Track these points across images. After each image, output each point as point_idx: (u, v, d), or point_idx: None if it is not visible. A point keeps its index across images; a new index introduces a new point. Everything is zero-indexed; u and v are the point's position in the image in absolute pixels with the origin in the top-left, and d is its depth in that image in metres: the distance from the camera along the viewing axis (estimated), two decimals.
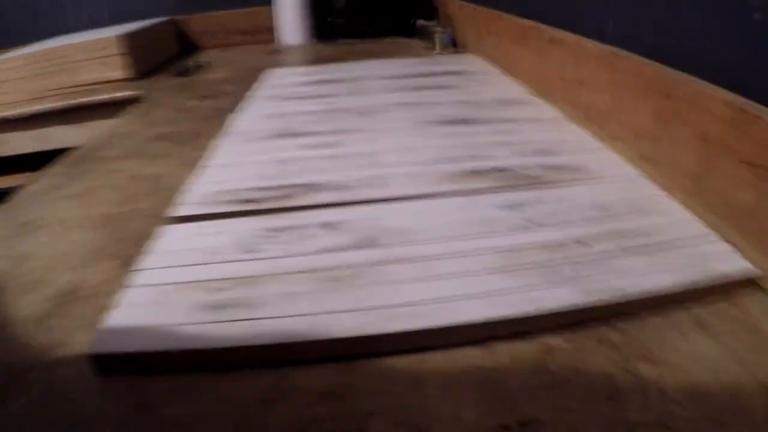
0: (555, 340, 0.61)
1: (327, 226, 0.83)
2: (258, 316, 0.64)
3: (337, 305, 0.65)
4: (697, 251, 0.71)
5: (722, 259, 0.69)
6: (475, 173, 0.97)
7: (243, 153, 1.15)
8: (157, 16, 2.66)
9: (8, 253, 0.85)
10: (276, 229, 0.83)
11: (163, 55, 2.54)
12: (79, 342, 0.64)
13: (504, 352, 0.60)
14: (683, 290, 0.65)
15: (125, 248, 0.84)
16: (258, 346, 0.60)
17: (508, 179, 0.94)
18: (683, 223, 0.78)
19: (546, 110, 1.30)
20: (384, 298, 0.66)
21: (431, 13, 2.41)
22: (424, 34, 2.33)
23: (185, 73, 2.18)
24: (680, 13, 0.88)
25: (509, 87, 1.53)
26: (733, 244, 0.72)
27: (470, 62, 1.89)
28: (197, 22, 2.81)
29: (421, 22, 2.42)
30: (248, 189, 0.96)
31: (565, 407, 0.53)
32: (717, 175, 0.74)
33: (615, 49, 1.03)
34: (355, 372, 0.59)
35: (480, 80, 1.63)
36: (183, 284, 0.70)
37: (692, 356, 0.58)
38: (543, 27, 1.36)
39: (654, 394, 0.54)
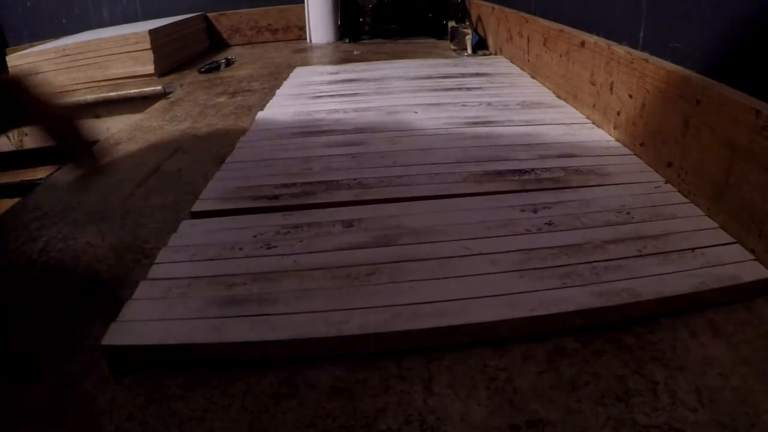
0: (567, 341, 0.61)
1: (346, 223, 0.83)
2: (272, 312, 0.64)
3: (352, 303, 0.65)
4: (716, 257, 0.70)
5: (741, 265, 0.68)
6: (497, 174, 0.96)
7: (266, 150, 1.15)
8: (189, 11, 2.68)
9: (30, 244, 0.87)
10: (295, 226, 0.83)
11: (193, 51, 2.56)
12: (95, 334, 0.65)
13: (515, 352, 0.60)
14: (698, 293, 0.64)
15: (145, 242, 0.85)
16: (271, 342, 0.60)
17: (529, 181, 0.93)
18: (704, 230, 0.77)
19: (573, 114, 1.29)
20: (400, 296, 0.66)
21: (462, 14, 2.40)
22: (454, 36, 2.32)
23: (214, 69, 2.20)
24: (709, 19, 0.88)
25: (537, 90, 1.53)
26: (754, 251, 0.71)
27: (499, 64, 1.89)
28: (229, 19, 2.83)
29: (451, 23, 2.41)
30: (269, 186, 0.97)
31: (575, 408, 0.52)
32: (741, 182, 0.73)
33: (646, 55, 1.02)
34: (366, 369, 0.59)
35: (508, 83, 1.62)
36: (199, 279, 0.71)
37: (704, 360, 0.57)
38: (574, 31, 1.35)
39: (664, 397, 0.53)
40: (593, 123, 1.21)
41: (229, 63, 2.30)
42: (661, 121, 0.94)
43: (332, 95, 1.57)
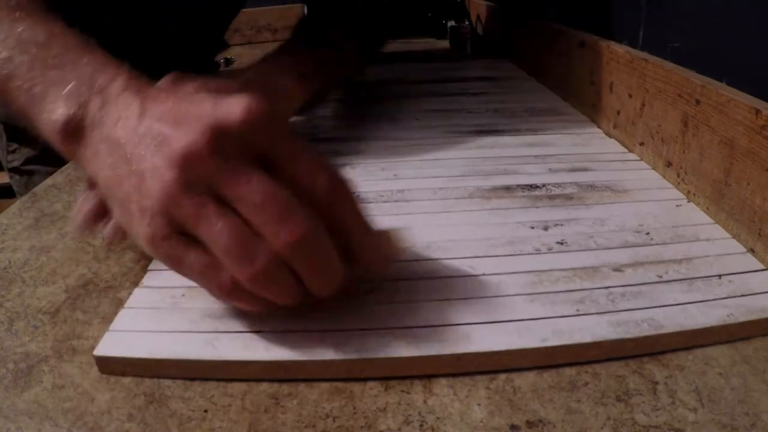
0: None
1: None
2: (267, 329, 0.62)
3: (350, 323, 0.62)
4: (745, 286, 0.65)
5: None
6: (506, 189, 0.93)
7: None
8: None
9: (28, 244, 0.87)
10: None
11: None
12: (92, 335, 0.65)
13: None
14: (726, 326, 0.60)
15: None
16: (264, 362, 0.58)
17: (540, 196, 0.90)
18: (732, 255, 0.72)
19: (577, 119, 1.27)
20: (399, 318, 0.62)
21: (462, 14, 2.39)
22: (455, 36, 2.31)
23: (213, 69, 2.19)
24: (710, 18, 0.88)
25: (540, 93, 1.51)
26: (753, 251, 0.71)
27: (501, 67, 1.87)
28: None
29: (451, 23, 2.40)
30: None
31: (574, 408, 0.53)
32: (741, 182, 0.73)
33: (645, 54, 1.02)
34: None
35: (511, 86, 1.59)
36: (192, 288, 0.69)
37: (704, 359, 0.58)
38: (573, 31, 1.35)
39: (664, 397, 0.53)
40: (597, 127, 1.20)
41: (228, 63, 2.29)
42: (661, 120, 0.94)
43: (328, 100, 1.51)
